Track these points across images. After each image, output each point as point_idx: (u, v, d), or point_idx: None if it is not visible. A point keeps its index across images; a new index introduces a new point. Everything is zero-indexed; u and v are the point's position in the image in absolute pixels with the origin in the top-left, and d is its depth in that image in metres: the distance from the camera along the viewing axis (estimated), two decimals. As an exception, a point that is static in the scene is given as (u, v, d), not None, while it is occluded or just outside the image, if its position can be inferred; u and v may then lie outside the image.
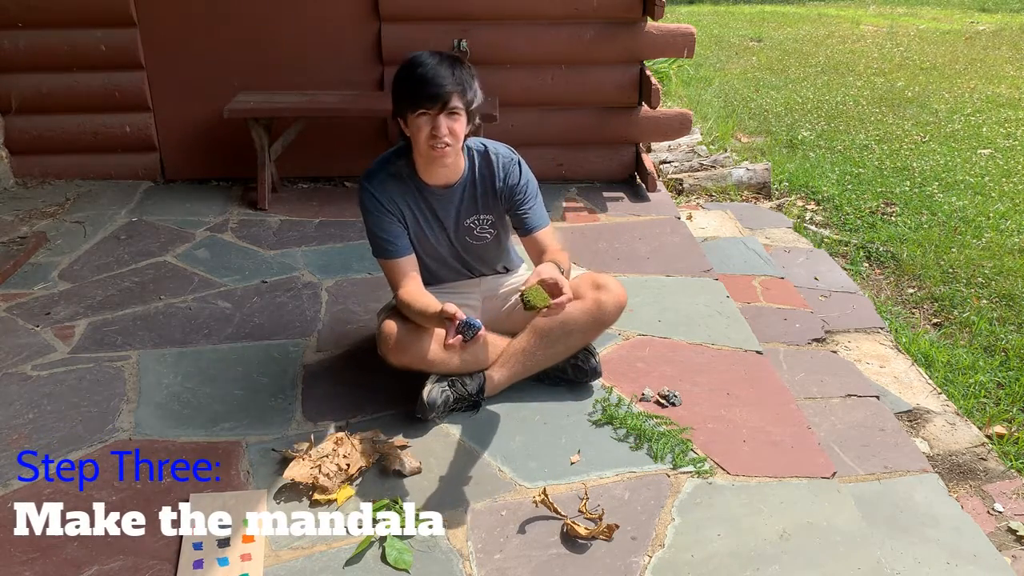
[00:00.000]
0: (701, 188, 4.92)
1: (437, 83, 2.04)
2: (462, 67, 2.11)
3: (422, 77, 2.05)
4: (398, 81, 2.12)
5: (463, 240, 2.33)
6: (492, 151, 2.28)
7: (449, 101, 2.06)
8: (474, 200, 2.28)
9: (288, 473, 1.99)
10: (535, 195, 2.32)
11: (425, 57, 2.09)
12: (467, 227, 2.30)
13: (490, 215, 2.31)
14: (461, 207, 2.28)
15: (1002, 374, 3.10)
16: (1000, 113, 6.97)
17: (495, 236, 2.36)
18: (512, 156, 2.31)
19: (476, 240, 2.33)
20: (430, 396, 2.22)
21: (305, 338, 2.72)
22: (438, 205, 2.26)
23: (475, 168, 2.27)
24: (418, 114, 2.07)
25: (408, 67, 2.10)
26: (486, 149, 2.28)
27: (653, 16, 3.85)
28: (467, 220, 2.29)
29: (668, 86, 7.46)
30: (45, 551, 1.81)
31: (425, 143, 2.10)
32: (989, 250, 4.15)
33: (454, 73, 2.07)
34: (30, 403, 2.36)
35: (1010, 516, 2.27)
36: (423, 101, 2.05)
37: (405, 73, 2.10)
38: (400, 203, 2.24)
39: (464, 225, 2.30)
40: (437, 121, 2.07)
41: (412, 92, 2.07)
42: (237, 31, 3.99)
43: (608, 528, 1.84)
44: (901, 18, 12.62)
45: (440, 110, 2.06)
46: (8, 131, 4.13)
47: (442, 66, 2.06)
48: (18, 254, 3.32)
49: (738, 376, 2.51)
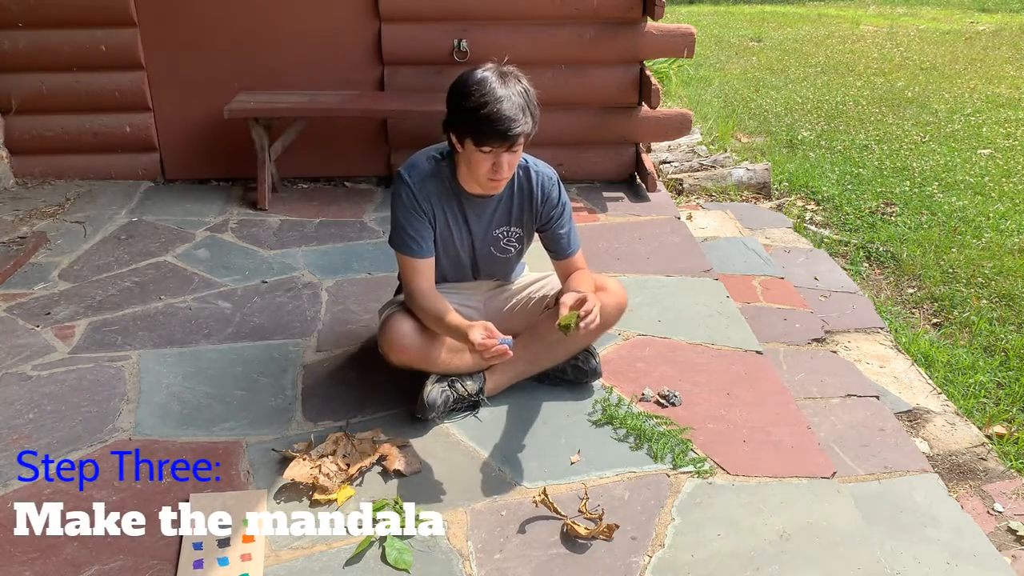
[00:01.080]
0: (701, 188, 4.92)
1: (512, 126, 1.94)
2: (530, 97, 2.01)
3: (497, 116, 1.93)
4: (466, 108, 1.97)
5: (487, 249, 2.32)
6: (534, 168, 2.24)
7: (517, 141, 1.99)
8: (508, 212, 2.26)
9: (288, 473, 1.99)
10: (570, 218, 2.32)
11: (498, 88, 1.95)
12: (495, 237, 2.29)
13: (520, 229, 2.30)
14: (494, 217, 2.25)
15: (1002, 374, 3.10)
16: (1000, 113, 6.97)
17: (518, 251, 2.36)
18: (553, 177, 2.28)
19: (500, 252, 2.32)
20: (430, 396, 2.22)
21: (305, 338, 2.72)
22: (471, 211, 2.23)
23: (515, 181, 2.22)
24: (483, 149, 2.00)
25: (480, 96, 1.94)
26: (527, 165, 2.24)
27: (653, 16, 3.85)
28: (496, 230, 2.28)
29: (668, 86, 7.47)
30: (45, 551, 1.81)
31: (484, 176, 2.06)
32: (989, 250, 4.15)
33: (526, 110, 1.97)
34: (30, 403, 2.36)
35: (1010, 516, 2.28)
36: (493, 141, 1.97)
37: (476, 103, 1.94)
38: (435, 204, 2.19)
39: (492, 235, 2.28)
40: (500, 159, 2.02)
41: (482, 129, 1.95)
42: (237, 31, 3.99)
43: (608, 528, 1.84)
44: (901, 18, 12.62)
45: (507, 149, 2.01)
46: (8, 131, 4.13)
47: (516, 103, 1.95)
48: (18, 254, 3.32)
49: (738, 376, 2.51)
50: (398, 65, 4.04)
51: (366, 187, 4.21)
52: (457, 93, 2.02)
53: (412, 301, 2.21)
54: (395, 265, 3.19)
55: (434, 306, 2.15)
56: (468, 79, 2.01)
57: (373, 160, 4.23)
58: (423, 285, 2.21)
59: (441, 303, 2.16)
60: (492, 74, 2.00)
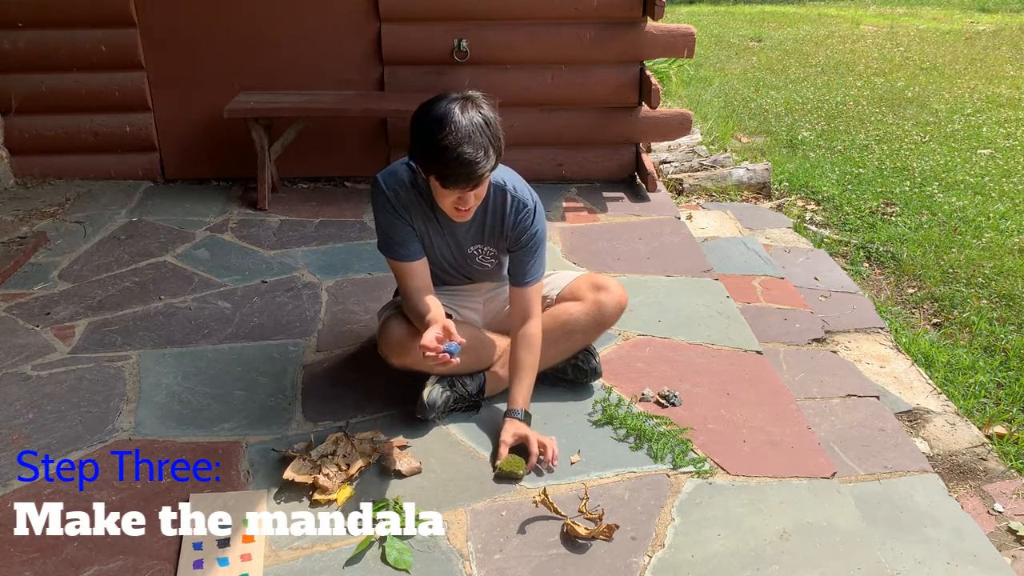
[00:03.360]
0: (701, 188, 4.92)
1: (474, 170, 1.88)
2: (492, 130, 1.92)
3: (458, 161, 1.86)
4: (428, 147, 1.90)
5: (469, 265, 2.30)
6: (511, 191, 2.16)
7: (480, 180, 1.95)
8: (481, 231, 2.21)
9: (288, 473, 1.99)
10: (539, 246, 2.22)
11: (461, 126, 1.87)
12: (470, 254, 2.26)
13: (494, 248, 2.25)
14: (468, 234, 2.22)
15: (1002, 374, 3.10)
16: (1000, 113, 6.97)
17: (496, 265, 2.32)
18: (529, 204, 2.18)
19: (478, 266, 2.31)
20: (430, 396, 2.22)
21: (305, 338, 2.72)
22: (446, 226, 2.20)
23: (488, 201, 2.16)
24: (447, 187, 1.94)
25: (442, 137, 1.86)
26: (505, 187, 2.16)
27: (653, 16, 3.85)
28: (471, 247, 2.24)
29: (668, 86, 7.47)
30: (45, 551, 1.81)
31: (451, 207, 2.03)
32: (989, 250, 4.15)
33: (488, 148, 1.90)
34: (30, 403, 2.36)
35: (1010, 516, 2.28)
36: (456, 184, 1.92)
37: (438, 144, 1.87)
38: (413, 213, 2.16)
39: (468, 251, 2.26)
40: (466, 195, 1.98)
41: (444, 172, 1.90)
42: (237, 31, 3.99)
43: (608, 528, 1.84)
44: (901, 18, 12.62)
45: (471, 188, 1.96)
46: (8, 131, 4.13)
47: (478, 143, 1.87)
48: (18, 254, 3.32)
49: (738, 376, 2.51)
50: (398, 65, 4.04)
51: (366, 187, 4.20)
52: (419, 128, 1.93)
53: (403, 302, 2.22)
54: (395, 265, 3.22)
55: (418, 307, 2.13)
56: (430, 114, 1.91)
57: (373, 160, 4.22)
58: (413, 286, 2.18)
59: (424, 304, 2.12)
60: (455, 107, 1.89)
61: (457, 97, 1.93)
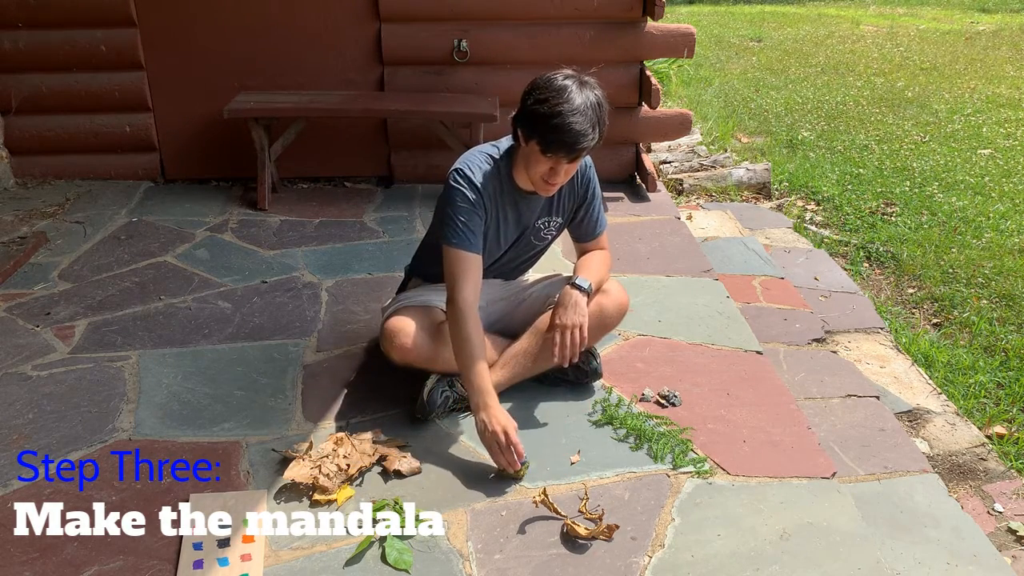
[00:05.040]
0: (701, 188, 4.92)
1: (581, 141, 1.98)
2: (602, 111, 2.03)
3: (568, 129, 1.96)
4: (540, 112, 1.99)
5: (527, 240, 2.34)
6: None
7: (581, 154, 2.03)
8: (551, 202, 2.28)
9: (288, 473, 1.99)
10: (600, 195, 2.36)
11: (576, 99, 1.97)
12: (536, 227, 2.31)
13: (560, 218, 2.33)
14: (540, 207, 2.27)
15: (1002, 374, 3.10)
16: (1000, 113, 6.97)
17: (549, 242, 2.40)
18: (588, 158, 2.29)
19: (538, 240, 2.36)
20: (430, 396, 2.22)
21: (305, 338, 2.72)
22: (524, 207, 2.24)
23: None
24: (546, 155, 2.01)
25: (557, 104, 1.97)
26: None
27: (653, 16, 3.85)
28: (538, 220, 2.30)
29: (668, 86, 7.47)
30: (45, 551, 1.81)
31: (540, 179, 2.08)
32: (989, 250, 4.15)
33: (596, 126, 2.00)
34: (30, 403, 2.36)
35: (1010, 516, 2.28)
36: (559, 151, 2.00)
37: (550, 110, 1.97)
38: (492, 203, 2.19)
39: (535, 225, 2.31)
40: (559, 166, 2.04)
41: (550, 137, 1.98)
42: (237, 31, 3.99)
43: (608, 528, 1.84)
44: (901, 18, 12.62)
45: (569, 160, 2.03)
46: (8, 131, 4.13)
47: (589, 117, 1.98)
48: (18, 254, 3.32)
49: (738, 376, 2.51)
50: (398, 65, 4.04)
51: (366, 187, 4.21)
52: (534, 94, 2.02)
53: (452, 310, 2.10)
54: (395, 265, 3.22)
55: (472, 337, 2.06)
56: (549, 83, 2.01)
57: (373, 160, 4.23)
58: (468, 295, 2.10)
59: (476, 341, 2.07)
60: (573, 83, 2.00)
61: (574, 75, 2.04)
